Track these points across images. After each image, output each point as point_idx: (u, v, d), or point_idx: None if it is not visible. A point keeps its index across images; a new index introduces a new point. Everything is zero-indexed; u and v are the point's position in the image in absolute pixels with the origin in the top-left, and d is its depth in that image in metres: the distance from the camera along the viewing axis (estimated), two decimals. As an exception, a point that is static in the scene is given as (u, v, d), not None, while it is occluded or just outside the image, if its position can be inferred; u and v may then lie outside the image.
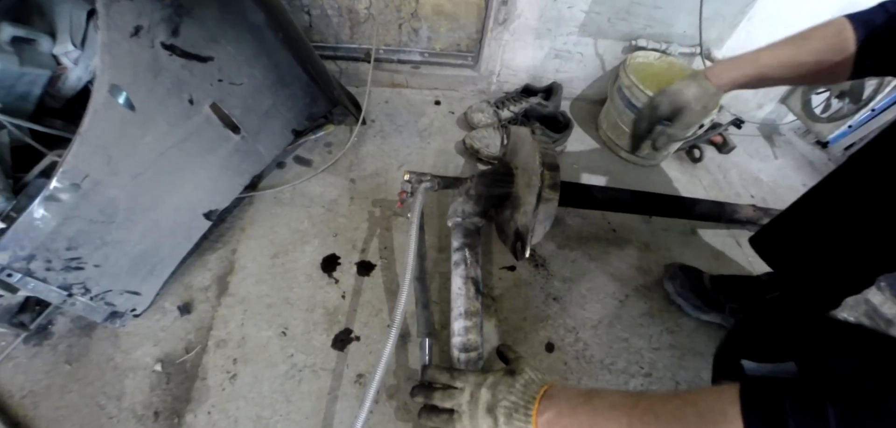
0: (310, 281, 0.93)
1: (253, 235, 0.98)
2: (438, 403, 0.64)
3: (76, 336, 0.83)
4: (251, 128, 0.88)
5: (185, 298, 0.89)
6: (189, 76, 0.76)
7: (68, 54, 0.96)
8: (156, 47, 0.71)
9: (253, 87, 0.87)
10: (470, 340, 0.74)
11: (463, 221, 0.83)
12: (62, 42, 0.94)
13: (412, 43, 1.31)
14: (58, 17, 0.94)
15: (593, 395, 0.51)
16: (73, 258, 0.72)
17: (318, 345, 0.85)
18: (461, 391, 0.62)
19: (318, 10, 1.18)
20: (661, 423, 0.43)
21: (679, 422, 0.41)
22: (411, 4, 1.20)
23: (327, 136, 1.19)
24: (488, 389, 0.59)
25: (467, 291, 0.77)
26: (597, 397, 0.50)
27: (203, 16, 0.76)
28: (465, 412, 0.60)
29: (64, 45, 0.94)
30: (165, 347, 0.83)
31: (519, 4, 1.17)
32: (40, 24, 0.93)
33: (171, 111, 0.75)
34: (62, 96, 0.99)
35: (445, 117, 1.34)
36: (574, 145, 1.35)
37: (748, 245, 0.95)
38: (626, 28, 1.28)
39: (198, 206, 0.86)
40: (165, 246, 0.84)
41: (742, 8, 1.28)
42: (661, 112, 0.76)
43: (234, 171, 0.89)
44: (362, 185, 1.11)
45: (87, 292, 0.76)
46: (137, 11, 0.67)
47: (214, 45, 0.79)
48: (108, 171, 0.70)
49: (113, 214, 0.73)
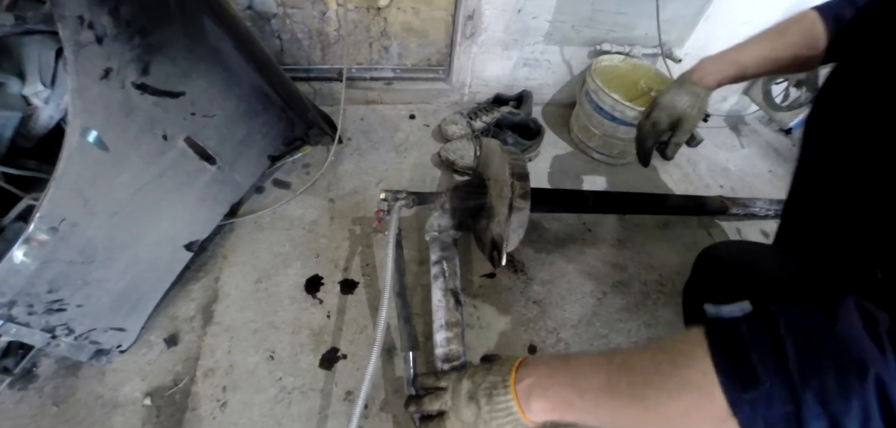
0: (294, 303, 0.94)
1: (235, 261, 0.99)
2: (428, 407, 0.66)
3: (62, 377, 0.83)
4: (227, 157, 0.90)
5: (170, 329, 0.89)
6: (162, 113, 0.77)
7: (38, 94, 0.95)
8: (126, 87, 0.72)
9: (226, 117, 0.88)
10: (452, 350, 0.76)
11: (439, 235, 0.85)
12: (32, 83, 0.94)
13: (383, 60, 1.33)
14: (26, 59, 0.94)
15: (569, 357, 0.52)
16: (54, 300, 0.73)
17: (305, 366, 0.86)
18: (445, 390, 0.64)
19: (288, 35, 1.20)
20: (636, 373, 0.44)
21: (654, 369, 0.43)
22: (380, 24, 1.22)
23: (305, 157, 1.20)
24: (468, 378, 0.60)
25: (447, 302, 0.80)
26: (573, 359, 0.51)
27: (173, 52, 0.77)
28: (450, 407, 0.61)
29: (33, 85, 0.94)
30: (153, 380, 0.83)
31: (485, 18, 1.20)
32: (8, 66, 0.93)
33: (146, 148, 0.76)
34: (34, 136, 0.99)
35: (420, 131, 1.37)
36: (547, 149, 1.39)
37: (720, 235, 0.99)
38: (590, 34, 1.33)
39: (178, 238, 0.87)
40: (147, 280, 0.84)
41: (699, 9, 1.34)
42: (662, 127, 0.80)
43: (213, 201, 0.91)
44: (341, 204, 1.13)
45: (70, 333, 0.76)
46: (106, 54, 0.68)
47: (186, 80, 0.80)
48: (85, 212, 0.71)
49: (92, 254, 0.74)
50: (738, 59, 0.74)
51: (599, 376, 0.47)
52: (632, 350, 0.47)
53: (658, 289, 1.07)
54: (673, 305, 1.05)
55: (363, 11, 1.18)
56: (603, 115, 1.25)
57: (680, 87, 0.78)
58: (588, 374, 0.48)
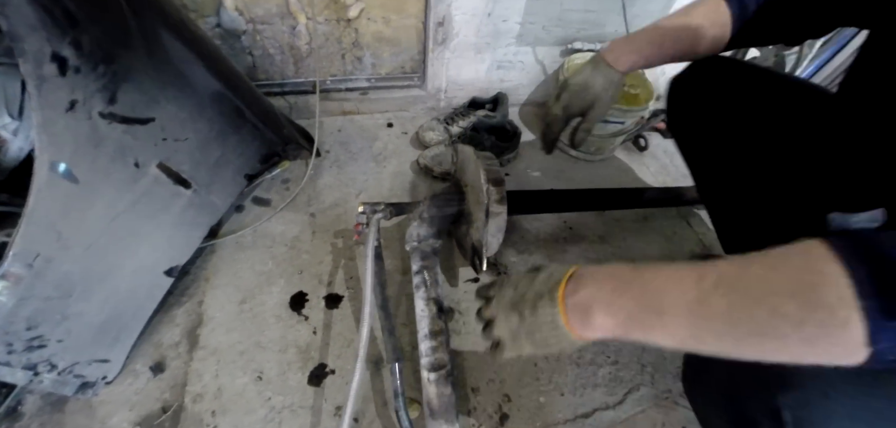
0: (280, 321, 0.94)
1: (218, 283, 0.99)
2: (483, 317, 0.60)
3: (48, 413, 0.82)
4: (202, 180, 0.89)
5: (156, 357, 0.88)
6: (132, 140, 0.77)
7: (6, 127, 0.93)
8: (94, 118, 0.71)
9: (199, 140, 0.88)
10: (437, 358, 0.77)
11: (419, 245, 0.86)
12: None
13: (357, 70, 1.33)
14: (-10, 92, 0.92)
15: (641, 270, 0.44)
16: (34, 337, 0.72)
17: (294, 384, 0.86)
18: (493, 299, 0.58)
19: (259, 50, 1.20)
20: (741, 293, 0.37)
21: (766, 289, 0.36)
22: (351, 34, 1.22)
23: (283, 173, 1.20)
24: (512, 287, 0.55)
25: (430, 311, 0.80)
26: (647, 272, 0.43)
27: (139, 79, 0.77)
28: (496, 317, 0.56)
29: (0, 118, 0.92)
30: (141, 409, 0.83)
31: (455, 24, 1.21)
32: (-27, 101, 0.91)
33: (117, 177, 0.76)
34: (5, 168, 0.97)
35: (399, 138, 1.37)
36: (526, 149, 1.40)
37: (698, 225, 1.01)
38: (561, 33, 1.34)
39: (157, 265, 0.86)
40: (129, 310, 0.84)
41: (666, 3, 1.37)
42: (573, 111, 0.76)
43: (191, 225, 0.90)
44: (322, 217, 1.13)
45: (53, 368, 0.75)
46: (70, 86, 0.67)
47: (154, 106, 0.79)
48: (58, 246, 0.70)
49: (70, 288, 0.73)
50: (649, 37, 0.72)
51: (688, 295, 0.39)
52: (728, 264, 0.39)
53: (639, 280, 1.09)
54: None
55: (333, 23, 1.18)
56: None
57: (594, 69, 0.74)
58: (671, 291, 0.40)
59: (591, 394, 0.91)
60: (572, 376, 0.92)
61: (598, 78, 0.73)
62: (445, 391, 0.75)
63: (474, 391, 0.88)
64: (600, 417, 0.88)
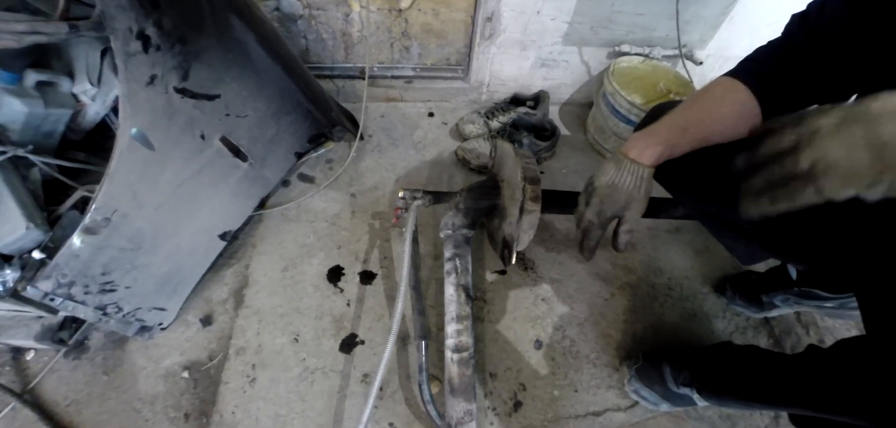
0: (317, 291, 1.02)
1: (264, 250, 1.07)
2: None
3: (110, 349, 0.93)
4: (258, 155, 0.97)
5: (205, 311, 0.98)
6: (200, 114, 0.85)
7: (86, 92, 1.03)
8: (169, 92, 0.79)
9: (257, 118, 0.95)
10: (461, 341, 0.82)
11: (453, 233, 0.90)
12: (80, 81, 1.02)
13: (404, 60, 1.38)
14: (75, 59, 1.02)
15: None
16: (107, 282, 0.81)
17: (327, 349, 0.94)
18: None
19: (313, 35, 1.26)
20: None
21: None
22: (401, 24, 1.27)
23: (328, 153, 1.27)
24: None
25: (458, 297, 0.85)
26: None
27: (209, 58, 0.84)
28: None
29: (82, 84, 1.02)
30: (191, 355, 0.92)
31: (503, 20, 1.23)
32: (59, 66, 1.01)
33: (186, 147, 0.84)
34: (82, 130, 1.08)
35: (439, 129, 1.41)
36: (563, 149, 1.41)
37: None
38: (608, 35, 1.34)
39: (214, 228, 0.94)
40: (187, 266, 0.93)
41: (723, 9, 1.33)
42: (608, 216, 0.71)
43: (245, 195, 0.98)
44: (362, 199, 1.19)
45: (119, 311, 0.85)
46: (151, 62, 0.75)
47: (221, 85, 0.87)
48: (134, 204, 0.79)
49: (140, 242, 0.82)
50: (670, 133, 0.66)
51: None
52: None
53: (666, 292, 1.10)
54: (680, 309, 1.08)
55: (385, 13, 1.23)
56: (619, 118, 1.27)
57: (619, 168, 0.68)
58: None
59: (605, 394, 0.93)
60: (587, 375, 0.95)
61: (626, 177, 0.68)
62: (466, 372, 0.80)
63: (492, 377, 0.93)
64: (611, 418, 0.91)
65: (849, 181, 0.43)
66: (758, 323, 1.07)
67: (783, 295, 0.97)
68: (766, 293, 1.00)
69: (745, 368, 0.75)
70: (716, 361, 0.82)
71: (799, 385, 0.63)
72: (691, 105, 0.67)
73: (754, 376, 0.72)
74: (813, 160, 0.44)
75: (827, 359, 0.60)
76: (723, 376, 0.79)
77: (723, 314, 1.08)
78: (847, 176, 0.43)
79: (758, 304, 1.02)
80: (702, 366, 0.83)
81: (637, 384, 0.90)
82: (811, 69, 0.61)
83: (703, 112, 0.66)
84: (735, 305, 1.07)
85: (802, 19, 0.62)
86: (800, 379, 0.63)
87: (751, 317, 1.07)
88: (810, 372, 0.62)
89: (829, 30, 0.58)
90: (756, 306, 1.03)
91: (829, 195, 0.44)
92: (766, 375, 0.70)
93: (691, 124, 0.65)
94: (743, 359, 0.78)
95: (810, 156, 0.45)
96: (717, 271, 1.15)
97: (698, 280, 1.13)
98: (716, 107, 0.65)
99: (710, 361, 0.83)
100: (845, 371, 0.56)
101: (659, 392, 0.88)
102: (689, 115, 0.66)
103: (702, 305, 1.09)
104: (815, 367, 0.62)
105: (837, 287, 0.89)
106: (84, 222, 0.75)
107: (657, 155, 0.66)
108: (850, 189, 0.43)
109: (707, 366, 0.82)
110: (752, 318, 1.07)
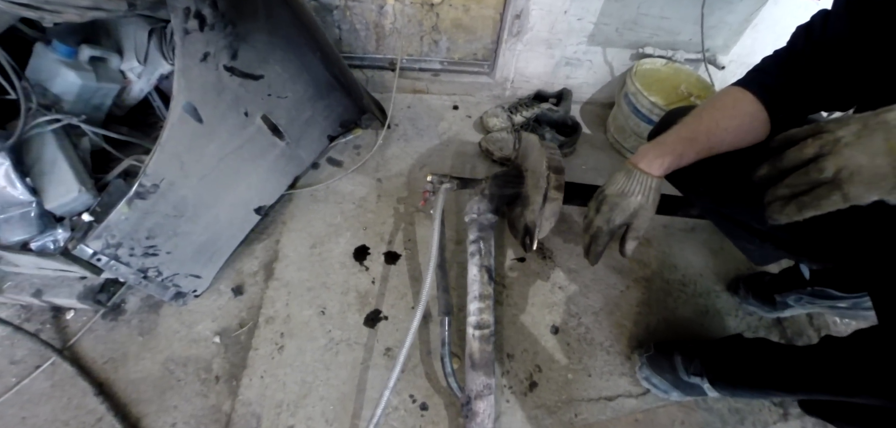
0: (344, 268, 1.06)
1: (293, 227, 1.12)
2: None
3: (146, 312, 0.98)
4: (294, 135, 1.02)
5: (237, 281, 1.03)
6: (245, 92, 0.90)
7: (133, 70, 1.10)
8: (219, 70, 0.84)
9: (296, 100, 1.00)
10: (483, 318, 0.86)
11: (478, 218, 0.94)
12: (128, 59, 1.08)
13: (433, 53, 1.42)
14: (123, 38, 1.08)
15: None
16: (150, 246, 0.86)
17: (352, 323, 0.98)
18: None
19: (347, 25, 1.31)
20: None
21: None
22: (432, 19, 1.31)
23: (356, 139, 1.32)
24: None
25: (481, 277, 0.89)
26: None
27: (256, 40, 0.89)
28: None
29: (130, 61, 1.08)
30: (222, 322, 0.97)
31: (531, 18, 1.27)
32: (109, 44, 1.07)
33: (231, 123, 0.89)
34: (126, 106, 1.14)
35: (463, 121, 1.45)
36: (583, 147, 1.45)
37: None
38: (633, 37, 1.37)
39: (250, 202, 1.00)
40: (223, 236, 0.98)
41: (747, 16, 1.36)
42: (617, 223, 0.73)
43: (280, 172, 1.03)
44: (388, 184, 1.24)
45: (159, 275, 0.90)
46: (205, 40, 0.80)
47: (265, 65, 0.92)
48: (180, 174, 0.84)
49: (183, 210, 0.88)
50: (679, 144, 0.69)
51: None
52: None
53: (680, 288, 1.13)
54: (693, 305, 1.10)
55: (418, 7, 1.27)
56: (640, 118, 1.30)
57: (629, 177, 0.71)
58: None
59: (617, 381, 0.96)
60: (601, 362, 0.98)
61: (635, 186, 0.71)
62: (487, 348, 0.84)
63: (509, 357, 0.96)
64: (623, 403, 0.94)
65: (873, 186, 0.45)
66: (770, 323, 1.09)
67: (796, 294, 0.99)
68: (779, 293, 1.02)
69: (757, 357, 0.78)
70: (727, 350, 0.85)
71: (815, 370, 0.65)
72: (701, 115, 0.69)
73: (767, 364, 0.75)
74: (838, 167, 0.47)
75: (845, 345, 0.62)
76: (734, 365, 0.82)
77: (735, 313, 1.10)
78: (871, 181, 0.45)
79: (771, 303, 1.05)
80: (713, 355, 0.86)
81: (648, 371, 0.93)
82: (816, 80, 0.63)
83: (712, 122, 0.68)
84: (748, 304, 1.10)
85: (807, 32, 0.64)
86: (816, 365, 0.66)
87: (763, 317, 1.09)
88: (827, 357, 0.65)
89: (833, 43, 0.60)
90: (769, 306, 1.06)
91: (855, 200, 0.46)
92: (779, 362, 0.73)
93: (700, 135, 0.68)
94: (754, 348, 0.80)
95: (834, 163, 0.47)
96: (730, 271, 1.17)
97: (712, 278, 1.15)
98: (725, 117, 0.67)
99: (721, 350, 0.86)
100: (864, 354, 0.59)
101: (669, 380, 0.90)
102: (699, 125, 0.68)
103: (715, 302, 1.11)
104: (833, 352, 0.64)
105: (851, 286, 0.91)
106: (134, 188, 0.80)
107: (666, 165, 0.69)
108: (874, 193, 0.45)
109: (718, 355, 0.85)
110: (764, 318, 1.09)
